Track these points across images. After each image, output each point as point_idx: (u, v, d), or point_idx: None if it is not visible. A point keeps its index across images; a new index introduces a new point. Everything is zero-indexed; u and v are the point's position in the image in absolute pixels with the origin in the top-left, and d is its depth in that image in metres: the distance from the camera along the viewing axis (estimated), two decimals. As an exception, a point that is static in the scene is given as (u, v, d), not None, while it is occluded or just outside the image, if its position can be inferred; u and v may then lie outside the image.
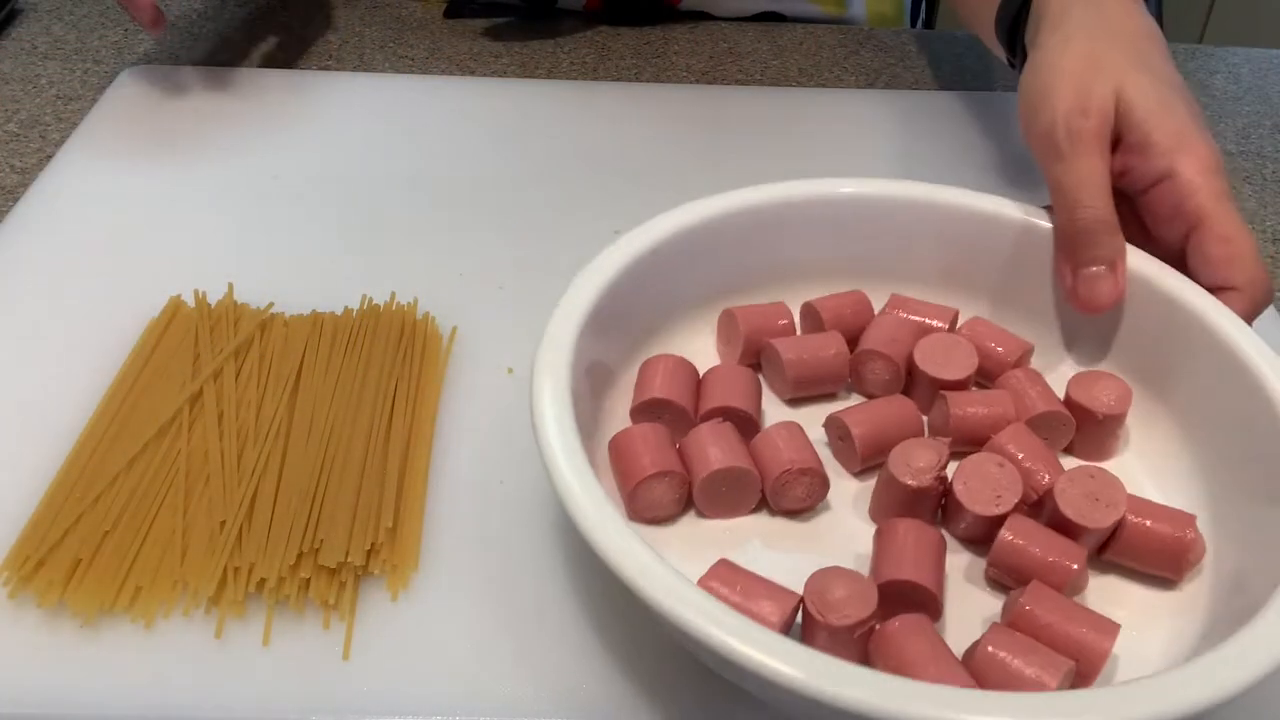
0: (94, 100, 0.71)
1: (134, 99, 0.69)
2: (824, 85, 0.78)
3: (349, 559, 0.41)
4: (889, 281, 0.52)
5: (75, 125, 0.68)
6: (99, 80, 0.74)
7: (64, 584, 0.40)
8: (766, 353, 0.49)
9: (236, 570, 0.41)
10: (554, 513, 0.45)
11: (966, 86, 0.78)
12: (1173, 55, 0.51)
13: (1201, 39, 1.87)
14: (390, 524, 0.43)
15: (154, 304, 0.53)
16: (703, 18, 0.85)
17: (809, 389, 0.49)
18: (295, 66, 0.76)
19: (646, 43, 0.81)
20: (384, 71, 0.76)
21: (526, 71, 0.77)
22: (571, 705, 0.39)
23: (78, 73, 0.75)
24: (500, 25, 0.82)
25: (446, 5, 0.83)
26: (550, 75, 0.77)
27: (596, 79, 0.77)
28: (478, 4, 0.83)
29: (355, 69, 0.76)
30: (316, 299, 0.54)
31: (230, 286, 0.54)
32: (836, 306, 0.50)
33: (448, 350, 0.52)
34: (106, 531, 0.42)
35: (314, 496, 0.43)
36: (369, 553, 0.42)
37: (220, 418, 0.47)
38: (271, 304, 0.53)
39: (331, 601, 0.41)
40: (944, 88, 0.78)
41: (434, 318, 0.53)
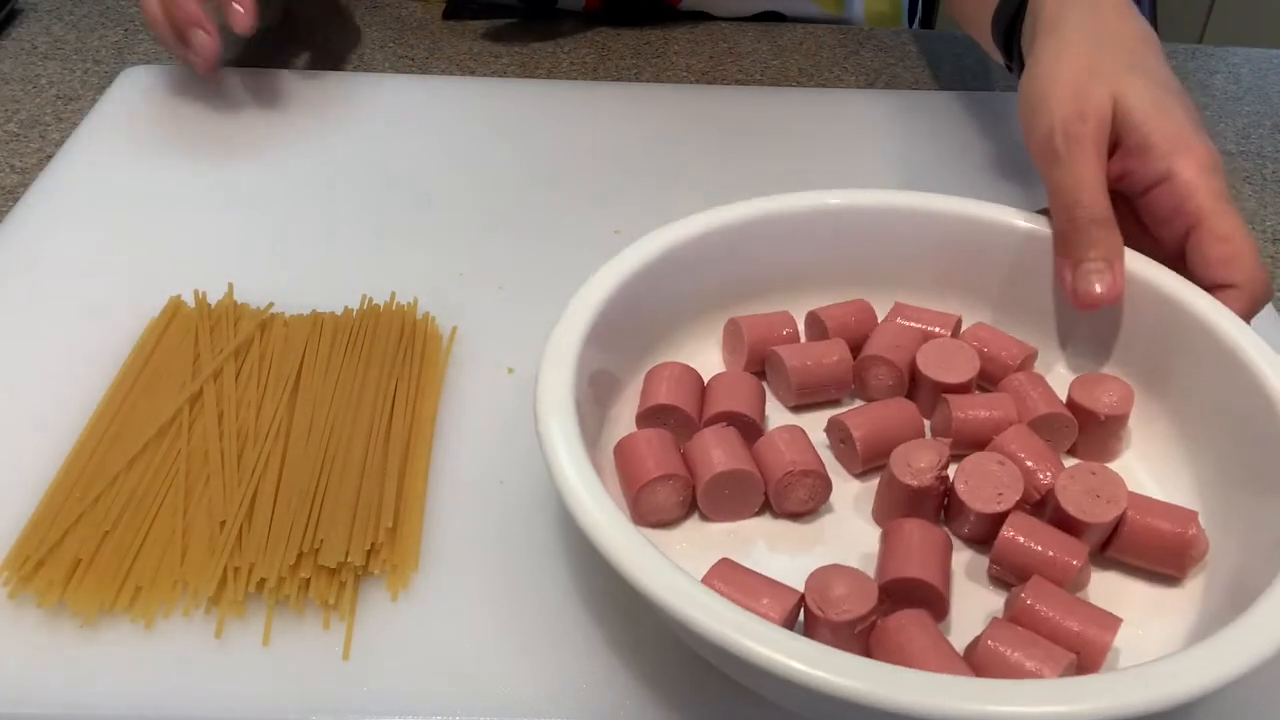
0: (94, 100, 0.71)
1: (134, 99, 0.69)
2: (824, 85, 0.77)
3: (349, 559, 0.41)
4: (892, 289, 0.52)
5: (75, 125, 0.68)
6: (99, 80, 0.74)
7: (64, 584, 0.40)
8: (771, 360, 0.49)
9: (236, 570, 0.41)
10: (554, 512, 0.45)
11: (966, 86, 0.78)
12: (1173, 55, 0.52)
13: (1201, 39, 1.88)
14: (390, 524, 0.43)
15: (154, 304, 0.53)
16: (703, 18, 0.85)
17: (813, 395, 0.49)
18: (295, 67, 0.76)
19: (646, 43, 0.81)
20: (384, 71, 0.76)
21: (526, 71, 0.77)
22: (571, 705, 0.39)
23: (78, 73, 0.75)
24: (500, 26, 0.82)
25: (445, 7, 0.83)
26: (550, 75, 0.77)
27: (596, 79, 0.76)
28: (477, 5, 0.83)
29: (355, 69, 0.76)
30: (316, 299, 0.54)
31: (230, 286, 0.54)
32: (841, 315, 0.50)
33: (448, 350, 0.52)
34: (106, 531, 0.42)
35: (314, 496, 0.43)
36: (369, 553, 0.42)
37: (220, 418, 0.47)
38: (271, 304, 0.53)
39: (331, 601, 0.41)
40: (944, 88, 0.78)
41: (434, 318, 0.53)
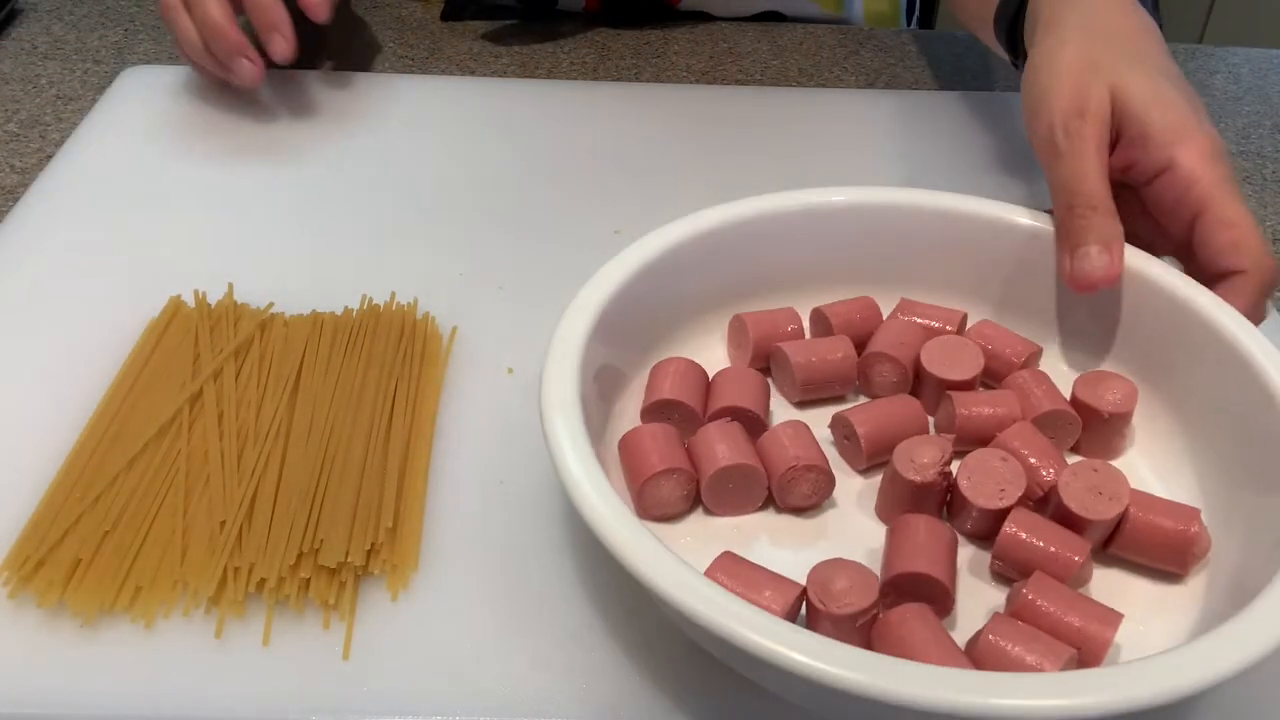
0: (94, 100, 0.71)
1: (134, 99, 0.69)
2: (824, 85, 0.77)
3: (349, 559, 0.41)
4: (897, 287, 0.52)
5: (75, 125, 0.68)
6: (99, 80, 0.74)
7: (64, 584, 0.40)
8: (775, 356, 0.49)
9: (236, 570, 0.41)
10: (555, 512, 0.45)
11: (966, 86, 0.78)
12: (1172, 55, 0.51)
13: (1201, 39, 1.88)
14: (390, 524, 0.43)
15: (154, 304, 0.53)
16: (703, 18, 0.85)
17: (817, 391, 0.49)
18: (294, 67, 0.76)
19: (646, 43, 0.81)
20: (384, 72, 0.76)
21: (526, 71, 0.77)
22: (571, 704, 0.39)
23: (78, 73, 0.75)
24: (500, 26, 0.82)
25: (444, 8, 0.83)
26: (550, 75, 0.77)
27: (596, 79, 0.76)
28: (476, 6, 0.83)
29: (355, 69, 0.76)
30: (316, 299, 0.54)
31: (230, 286, 0.54)
32: (845, 312, 0.50)
33: (448, 350, 0.52)
34: (106, 531, 0.42)
35: (314, 496, 0.43)
36: (369, 553, 0.42)
37: (220, 418, 0.47)
38: (271, 304, 0.53)
39: (331, 601, 0.41)
40: (944, 88, 0.78)
41: (434, 318, 0.53)
